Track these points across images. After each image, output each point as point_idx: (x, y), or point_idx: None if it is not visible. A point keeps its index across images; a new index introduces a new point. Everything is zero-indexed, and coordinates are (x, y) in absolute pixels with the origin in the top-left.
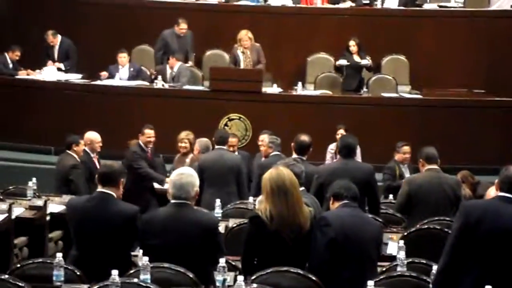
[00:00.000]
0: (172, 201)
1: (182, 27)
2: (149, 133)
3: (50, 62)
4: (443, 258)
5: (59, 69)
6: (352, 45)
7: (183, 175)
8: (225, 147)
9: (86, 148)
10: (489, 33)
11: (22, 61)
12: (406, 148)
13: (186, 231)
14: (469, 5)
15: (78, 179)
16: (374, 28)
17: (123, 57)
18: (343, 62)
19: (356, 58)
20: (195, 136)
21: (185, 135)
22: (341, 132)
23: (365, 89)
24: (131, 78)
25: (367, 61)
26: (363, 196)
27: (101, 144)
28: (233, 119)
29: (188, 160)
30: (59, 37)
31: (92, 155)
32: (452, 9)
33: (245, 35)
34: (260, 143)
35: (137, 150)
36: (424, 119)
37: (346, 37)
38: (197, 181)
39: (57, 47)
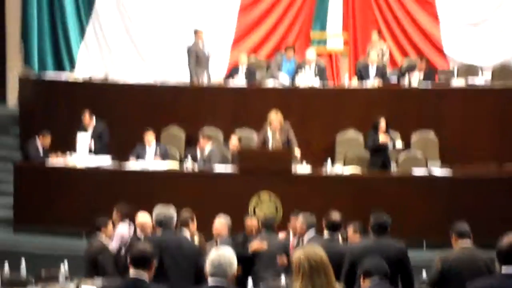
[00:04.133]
0: (210, 280)
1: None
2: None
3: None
4: None
5: (90, 151)
6: (382, 121)
7: (222, 254)
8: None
9: (138, 230)
10: None
11: (52, 145)
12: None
13: None
14: (496, 80)
15: (106, 262)
16: (402, 105)
17: (149, 136)
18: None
19: (382, 137)
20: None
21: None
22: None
23: (393, 164)
24: (157, 158)
25: (399, 142)
26: (396, 274)
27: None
28: (263, 199)
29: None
30: (94, 119)
31: (141, 237)
32: (479, 87)
33: (274, 117)
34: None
35: None
36: (454, 195)
37: (374, 113)
38: (235, 261)
39: (91, 128)
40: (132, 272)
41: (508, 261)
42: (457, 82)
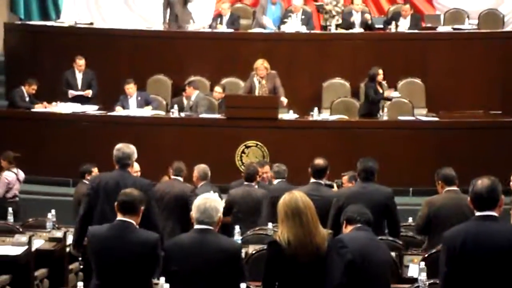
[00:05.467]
0: (196, 226)
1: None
2: None
3: (71, 93)
4: None
5: (81, 97)
6: (381, 73)
7: (208, 200)
8: (253, 183)
9: None
10: (504, 53)
11: (38, 94)
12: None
13: (210, 257)
14: (483, 27)
15: None
16: (389, 52)
17: (129, 88)
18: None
19: (387, 91)
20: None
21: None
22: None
23: (381, 113)
24: (139, 107)
25: (397, 93)
26: (383, 219)
27: (139, 174)
28: (250, 146)
29: None
30: (84, 65)
31: None
32: (466, 31)
33: (261, 64)
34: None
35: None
36: (441, 142)
37: (361, 61)
38: (221, 207)
39: (81, 74)
40: (119, 217)
41: (484, 208)
42: (444, 28)
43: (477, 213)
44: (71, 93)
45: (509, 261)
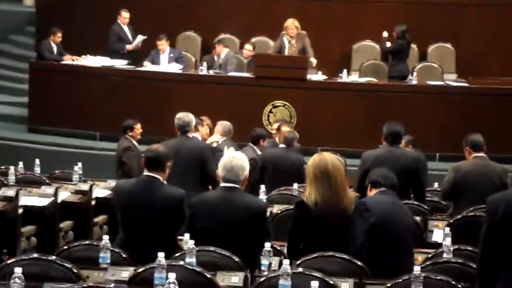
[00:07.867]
0: (222, 184)
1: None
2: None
3: (128, 47)
4: (478, 260)
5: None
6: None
7: (234, 158)
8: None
9: None
10: None
11: (68, 46)
12: None
13: (235, 215)
14: None
15: (130, 161)
16: (420, 16)
17: (161, 44)
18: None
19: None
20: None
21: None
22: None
23: (410, 77)
24: (170, 63)
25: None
26: (408, 183)
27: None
28: (277, 106)
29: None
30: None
31: None
32: None
33: (291, 23)
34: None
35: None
36: (470, 107)
37: (392, 24)
38: (247, 165)
39: (128, 27)
40: (146, 173)
41: None
42: None
43: None
44: (128, 47)
45: None
